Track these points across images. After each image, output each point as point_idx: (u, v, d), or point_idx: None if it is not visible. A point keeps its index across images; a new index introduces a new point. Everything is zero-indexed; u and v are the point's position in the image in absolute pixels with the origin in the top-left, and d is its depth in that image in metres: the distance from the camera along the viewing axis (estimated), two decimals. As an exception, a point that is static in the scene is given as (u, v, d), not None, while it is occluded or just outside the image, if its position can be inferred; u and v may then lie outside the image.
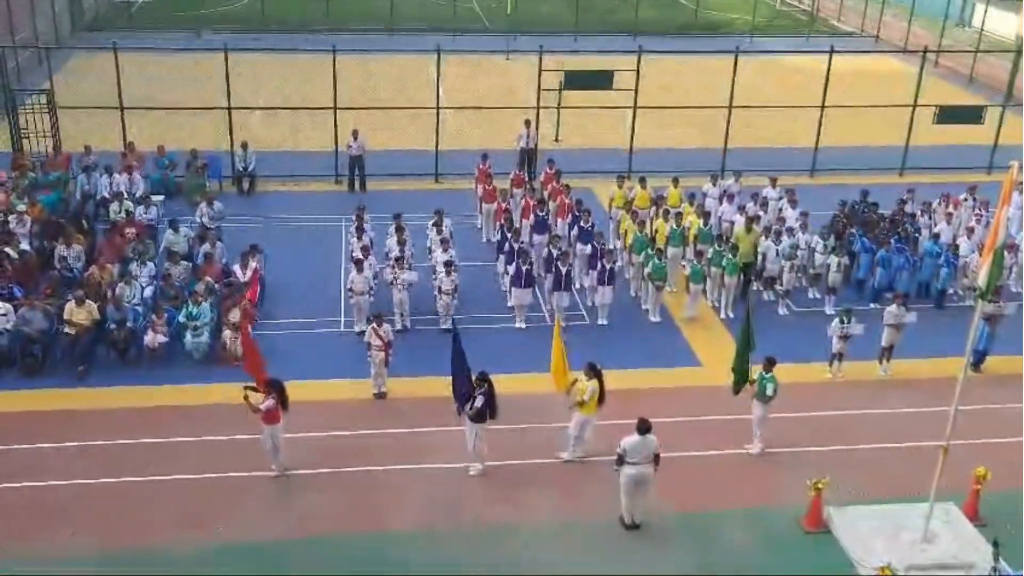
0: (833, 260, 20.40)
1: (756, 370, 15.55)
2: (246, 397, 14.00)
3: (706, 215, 21.92)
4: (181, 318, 17.83)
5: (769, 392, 15.33)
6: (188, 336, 17.65)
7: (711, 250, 20.26)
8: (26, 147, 25.42)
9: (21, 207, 21.06)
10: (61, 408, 16.16)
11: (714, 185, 23.77)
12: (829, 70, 27.31)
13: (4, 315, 17.30)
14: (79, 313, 17.36)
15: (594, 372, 14.93)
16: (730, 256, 20.05)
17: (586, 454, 15.30)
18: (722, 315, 20.22)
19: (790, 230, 20.99)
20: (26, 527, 13.44)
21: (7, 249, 19.34)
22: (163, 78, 32.02)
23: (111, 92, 25.32)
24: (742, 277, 20.52)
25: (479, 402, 14.46)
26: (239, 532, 13.54)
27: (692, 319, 19.98)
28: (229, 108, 25.63)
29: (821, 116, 27.73)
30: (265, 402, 13.97)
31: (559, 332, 15.60)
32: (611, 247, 21.12)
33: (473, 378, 14.61)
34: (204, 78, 28.82)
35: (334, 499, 14.33)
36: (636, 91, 26.79)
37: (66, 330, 17.28)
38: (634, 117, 27.11)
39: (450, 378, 14.93)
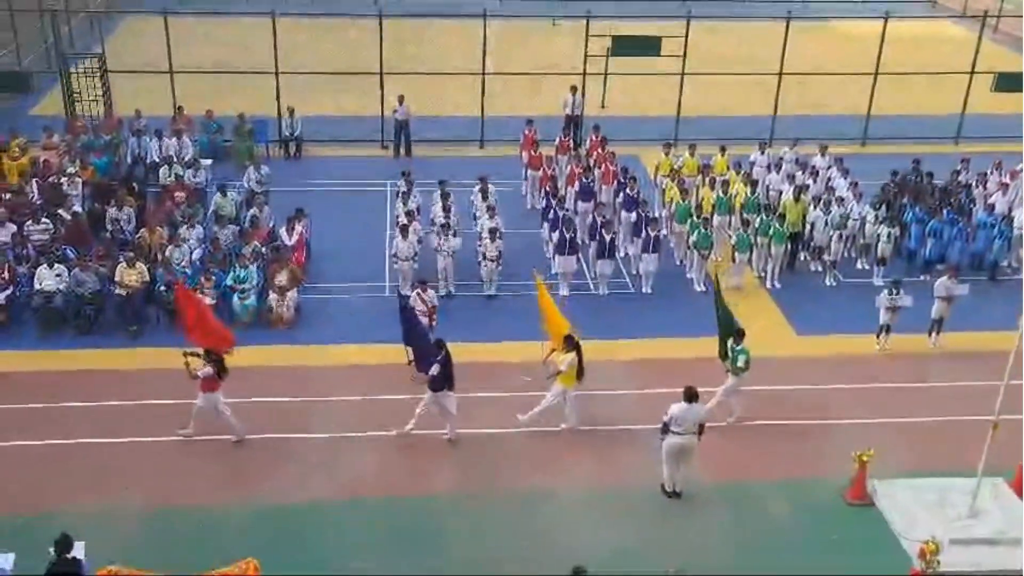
0: (883, 230, 20.06)
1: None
2: (187, 363, 14.17)
3: (753, 183, 21.65)
4: (228, 281, 18.05)
5: (740, 364, 15.08)
6: (235, 299, 17.87)
7: (758, 219, 20.02)
8: (78, 110, 25.77)
9: (71, 169, 21.41)
10: (114, 367, 16.46)
11: (762, 153, 23.43)
12: (884, 35, 26.71)
13: (58, 276, 17.64)
14: (130, 274, 17.65)
15: (572, 344, 14.79)
16: (777, 225, 19.80)
17: (572, 425, 15.19)
18: (768, 285, 20.02)
19: (840, 200, 20.67)
20: (78, 482, 13.78)
21: (60, 211, 19.70)
22: (212, 42, 32.20)
23: (161, 56, 25.54)
24: (789, 247, 20.27)
25: (435, 369, 14.38)
26: (281, 494, 13.75)
27: (737, 288, 19.80)
28: (277, 73, 25.73)
29: (874, 83, 27.16)
30: (203, 369, 14.14)
31: (545, 292, 15.63)
32: (656, 215, 20.96)
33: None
34: (252, 42, 28.93)
35: (375, 462, 14.49)
36: (684, 57, 26.44)
37: (117, 291, 17.59)
38: (682, 83, 26.77)
39: (405, 346, 15.09)
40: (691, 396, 13.43)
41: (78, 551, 10.49)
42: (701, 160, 22.64)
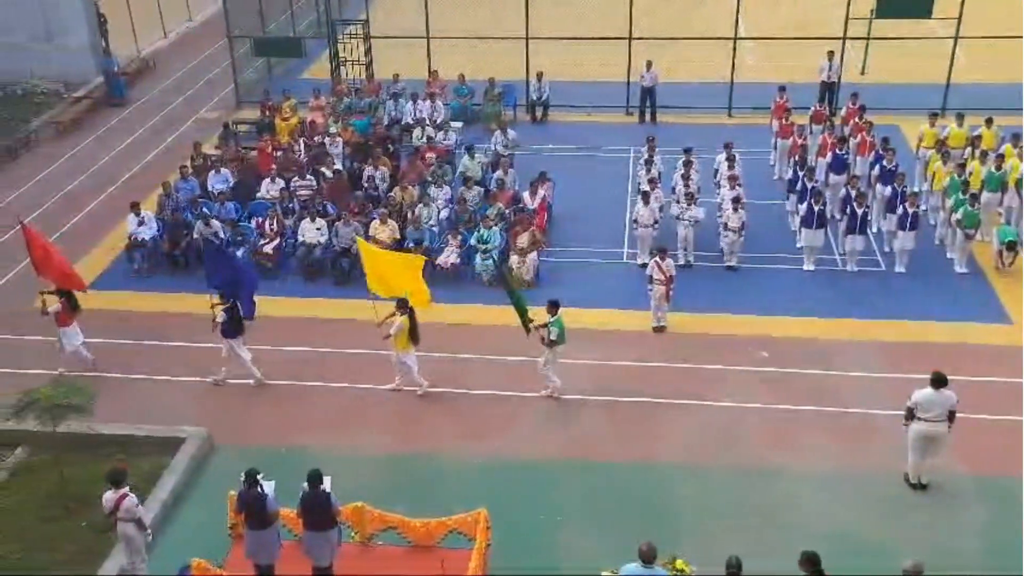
0: None
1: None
2: (43, 301, 15.10)
3: (1033, 159, 19.76)
4: (472, 241, 18.65)
5: (553, 336, 14.30)
6: (478, 258, 18.43)
7: (1034, 198, 18.31)
8: (343, 74, 27.37)
9: (333, 129, 22.80)
10: (365, 317, 17.42)
11: (1045, 125, 21.34)
12: None
13: (318, 229, 18.88)
14: (382, 231, 18.61)
15: (405, 308, 14.51)
16: (1056, 206, 18.02)
17: (412, 386, 15.14)
18: (1040, 271, 18.31)
19: None
20: (328, 422, 14.79)
21: (323, 168, 21.04)
22: (467, 8, 33.11)
23: (419, 22, 26.55)
24: (1070, 229, 18.42)
25: (221, 317, 14.85)
26: (513, 448, 14.12)
27: (964, 274, 18.27)
28: (527, 38, 26.16)
29: None
30: (52, 306, 15.17)
31: (369, 249, 15.36)
32: (915, 190, 19.61)
33: (215, 296, 15.07)
34: (505, 8, 29.56)
35: (604, 425, 14.58)
36: (960, 19, 24.46)
37: (371, 246, 18.60)
38: (954, 48, 24.83)
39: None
40: (939, 381, 12.53)
41: (325, 484, 11.23)
42: (971, 131, 20.92)
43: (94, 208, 21.94)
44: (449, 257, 18.42)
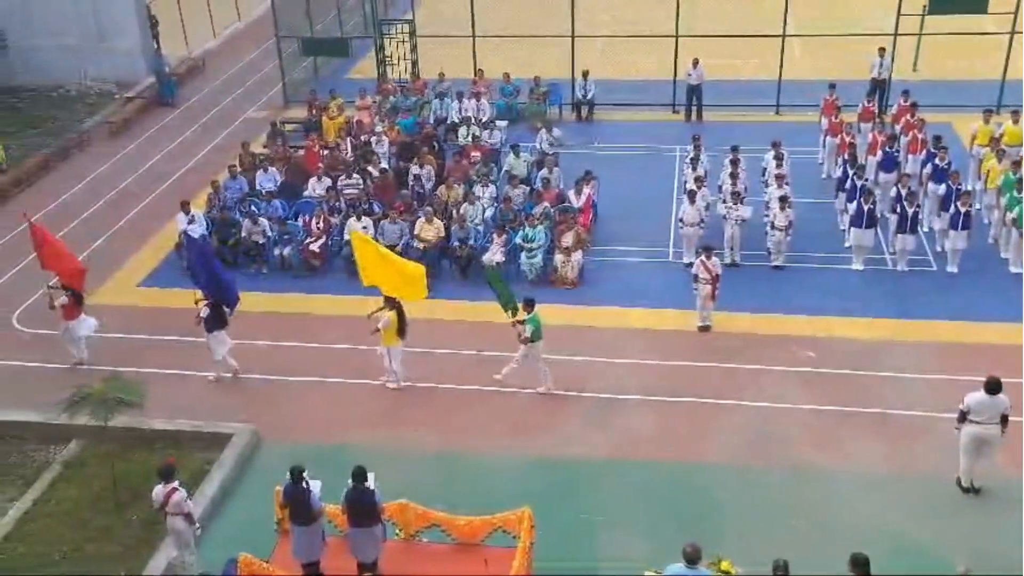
0: None
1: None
2: (51, 295, 15.74)
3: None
4: (517, 240, 18.63)
5: (527, 333, 14.48)
6: (523, 257, 18.42)
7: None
8: (389, 74, 27.50)
9: (379, 128, 22.93)
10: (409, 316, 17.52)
11: (1103, 122, 20.82)
12: None
13: (364, 228, 18.97)
14: (428, 229, 18.68)
15: (392, 304, 14.81)
16: (1116, 204, 17.57)
17: (399, 385, 15.40)
18: (1098, 271, 17.87)
19: None
20: (376, 420, 14.87)
21: (369, 167, 21.16)
22: (513, 7, 33.12)
23: (465, 21, 26.59)
24: None
25: (204, 312, 15.16)
26: (556, 447, 14.09)
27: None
28: (572, 36, 26.08)
29: None
30: (59, 300, 15.68)
31: (367, 243, 15.35)
32: (968, 188, 19.24)
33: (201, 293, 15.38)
34: (551, 6, 29.51)
35: (648, 425, 14.49)
36: (1016, 14, 23.96)
37: (416, 244, 18.67)
38: (1011, 43, 24.31)
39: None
40: (993, 387, 12.29)
41: (370, 481, 11.28)
42: (1026, 129, 20.50)
43: (145, 206, 22.30)
44: (494, 256, 18.44)
